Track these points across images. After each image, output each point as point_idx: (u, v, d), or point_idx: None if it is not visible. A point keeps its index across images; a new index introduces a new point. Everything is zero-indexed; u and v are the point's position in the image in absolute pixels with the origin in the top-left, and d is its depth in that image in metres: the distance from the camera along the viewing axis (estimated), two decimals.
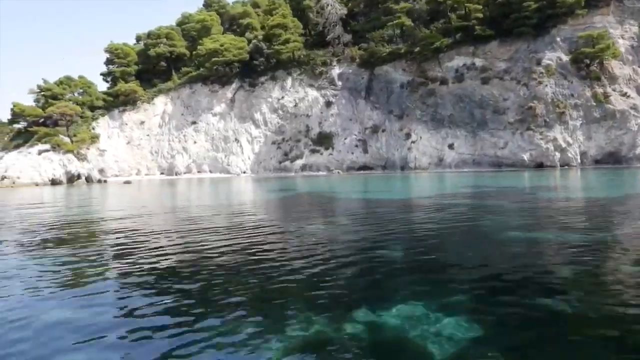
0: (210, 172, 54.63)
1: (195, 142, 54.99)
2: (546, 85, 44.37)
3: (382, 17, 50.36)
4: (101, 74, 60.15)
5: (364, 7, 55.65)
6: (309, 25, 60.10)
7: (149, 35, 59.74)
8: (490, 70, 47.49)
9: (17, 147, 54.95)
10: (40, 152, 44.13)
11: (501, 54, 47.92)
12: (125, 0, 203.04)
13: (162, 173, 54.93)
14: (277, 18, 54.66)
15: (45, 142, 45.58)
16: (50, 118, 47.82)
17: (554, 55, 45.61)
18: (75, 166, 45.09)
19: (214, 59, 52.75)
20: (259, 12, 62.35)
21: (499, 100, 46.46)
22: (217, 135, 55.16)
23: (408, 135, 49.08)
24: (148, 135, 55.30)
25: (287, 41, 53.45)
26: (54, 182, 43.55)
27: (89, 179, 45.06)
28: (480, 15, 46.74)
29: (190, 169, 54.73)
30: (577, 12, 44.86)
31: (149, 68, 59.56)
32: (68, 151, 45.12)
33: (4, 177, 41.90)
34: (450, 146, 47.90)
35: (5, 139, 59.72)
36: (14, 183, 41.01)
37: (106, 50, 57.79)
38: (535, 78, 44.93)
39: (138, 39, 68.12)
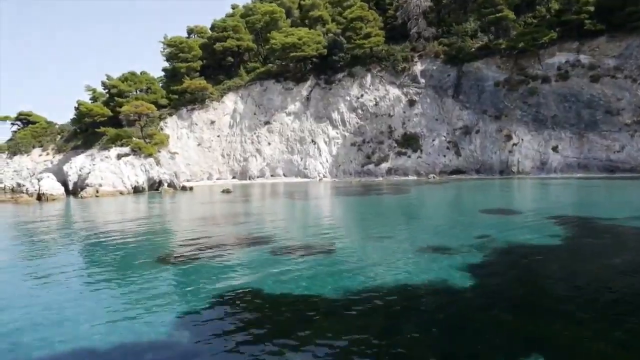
0: (285, 175, 50.92)
1: (269, 144, 51.14)
2: None
3: (482, 10, 46.64)
4: (163, 70, 55.99)
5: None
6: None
7: (213, 28, 55.49)
8: (599, 68, 44.21)
9: (75, 148, 51.00)
10: (119, 157, 40.06)
11: (610, 50, 44.62)
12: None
13: (233, 177, 51.08)
14: (356, 10, 50.85)
15: (122, 145, 41.48)
16: (125, 118, 43.60)
17: None
18: (157, 172, 41.13)
19: (291, 54, 48.83)
20: (326, 4, 58.48)
21: (611, 100, 43.22)
22: (292, 136, 51.38)
23: (508, 137, 45.72)
24: (218, 136, 51.30)
25: (368, 35, 49.71)
26: (136, 190, 39.68)
27: (171, 186, 41.13)
28: (592, 8, 43.25)
29: (263, 172, 50.94)
30: None
31: (211, 63, 55.49)
32: (149, 155, 41.10)
33: (84, 186, 37.88)
34: (554, 149, 44.67)
35: (57, 139, 55.70)
36: (97, 192, 37.01)
37: (168, 44, 53.48)
38: None
39: (190, 31, 63.93)
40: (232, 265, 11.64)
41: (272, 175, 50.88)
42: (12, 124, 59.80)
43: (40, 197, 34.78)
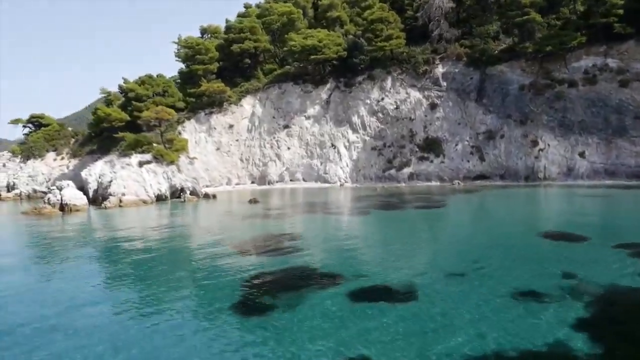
0: (304, 180, 50.13)
1: (288, 148, 50.31)
2: None
3: (507, 12, 45.59)
4: (179, 72, 54.95)
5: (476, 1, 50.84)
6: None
7: (229, 29, 54.39)
8: (628, 72, 43.31)
9: (91, 153, 50.18)
10: (141, 164, 39.23)
11: (639, 54, 43.71)
12: None
13: (252, 182, 50.30)
14: (377, 11, 49.77)
15: (143, 152, 40.62)
16: (144, 124, 42.72)
17: None
18: (179, 179, 40.33)
19: (312, 57, 47.82)
20: (344, 5, 57.33)
21: None
22: (312, 140, 50.53)
23: (534, 143, 44.89)
24: (237, 140, 50.45)
25: (389, 37, 48.68)
26: (158, 199, 38.91)
27: (193, 194, 40.33)
28: (621, 11, 42.20)
29: (282, 177, 50.16)
30: None
31: (228, 65, 54.43)
32: (171, 162, 40.27)
33: (106, 195, 37.07)
34: (581, 155, 43.90)
35: (71, 144, 54.82)
36: (120, 201, 36.22)
37: (184, 45, 52.41)
38: None
39: (203, 31, 62.88)
40: (318, 319, 10.84)
41: (291, 180, 50.12)
42: (24, 126, 58.88)
43: (63, 207, 33.99)
